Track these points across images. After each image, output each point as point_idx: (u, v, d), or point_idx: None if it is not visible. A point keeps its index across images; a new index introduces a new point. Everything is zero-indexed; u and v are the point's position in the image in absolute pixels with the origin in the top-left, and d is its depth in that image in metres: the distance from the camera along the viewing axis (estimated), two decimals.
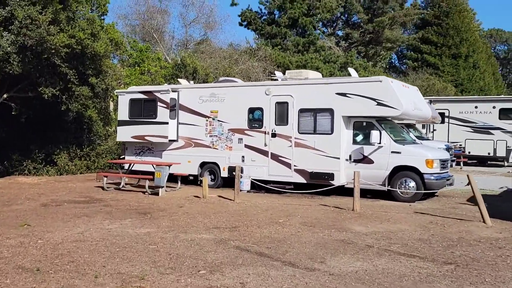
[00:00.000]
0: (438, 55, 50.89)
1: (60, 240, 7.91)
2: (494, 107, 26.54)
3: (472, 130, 26.63)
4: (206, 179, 12.77)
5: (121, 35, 24.07)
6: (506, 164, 25.57)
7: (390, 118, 13.89)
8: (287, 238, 8.09)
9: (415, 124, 20.05)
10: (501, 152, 25.68)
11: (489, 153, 25.92)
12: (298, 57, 36.27)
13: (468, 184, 9.78)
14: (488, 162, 26.79)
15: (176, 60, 27.12)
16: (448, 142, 23.89)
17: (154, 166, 14.11)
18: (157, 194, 13.33)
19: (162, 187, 13.21)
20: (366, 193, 13.59)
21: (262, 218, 9.99)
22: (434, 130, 26.53)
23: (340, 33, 51.86)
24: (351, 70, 14.56)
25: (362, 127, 13.83)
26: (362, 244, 7.72)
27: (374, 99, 12.99)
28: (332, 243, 7.80)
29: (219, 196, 13.27)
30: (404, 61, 57.19)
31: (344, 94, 13.44)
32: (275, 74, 15.73)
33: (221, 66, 28.64)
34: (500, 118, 25.91)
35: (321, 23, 46.82)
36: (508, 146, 25.63)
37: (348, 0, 44.91)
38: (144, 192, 13.77)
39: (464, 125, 26.70)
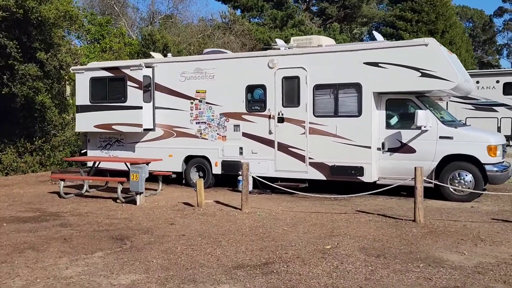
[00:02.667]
0: (414, 32, 48.68)
1: None
2: (497, 82, 24.12)
3: (474, 108, 24.22)
4: (201, 182, 9.47)
5: (75, 6, 20.18)
6: (511, 143, 23.29)
7: (428, 95, 10.91)
8: None
9: None
10: (506, 131, 23.32)
11: None
12: (276, 33, 33.00)
13: None
14: None
15: (143, 35, 23.39)
16: None
17: (129, 165, 10.70)
18: (133, 202, 9.97)
19: (140, 193, 9.85)
20: (399, 190, 10.70)
21: (297, 241, 6.83)
22: None
23: (314, 9, 48.99)
24: (376, 34, 11.46)
25: (398, 106, 10.82)
26: None
27: (417, 69, 9.95)
28: None
29: (217, 202, 10.03)
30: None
31: (375, 64, 10.33)
32: (276, 43, 12.47)
33: (195, 41, 25.10)
34: (504, 94, 23.54)
35: None
36: None
37: None
38: (115, 200, 10.37)
39: (465, 102, 24.18)
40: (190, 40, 25.66)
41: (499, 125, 23.45)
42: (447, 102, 23.72)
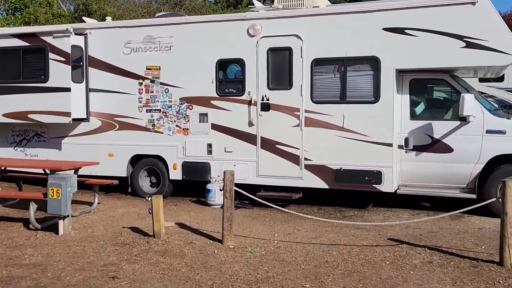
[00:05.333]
0: None
1: None
2: None
3: None
4: (160, 201, 6.25)
5: None
6: None
7: (452, 73, 8.23)
8: None
9: None
10: None
11: None
12: (230, 12, 29.86)
13: None
14: None
15: (77, 5, 19.54)
16: None
17: (48, 171, 7.35)
18: (54, 229, 6.64)
19: (64, 217, 6.52)
20: (415, 199, 8.11)
21: None
22: None
23: None
24: None
25: (426, 89, 8.12)
26: None
27: (460, 37, 7.22)
28: None
29: (182, 226, 6.89)
30: None
31: (400, 30, 7.51)
32: (253, 5, 9.39)
33: (139, 15, 21.51)
34: (480, 81, 21.69)
35: None
36: None
37: None
38: (27, 225, 6.99)
39: None
40: (133, 14, 22.01)
41: None
42: None
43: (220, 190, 6.26)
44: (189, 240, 6.18)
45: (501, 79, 22.00)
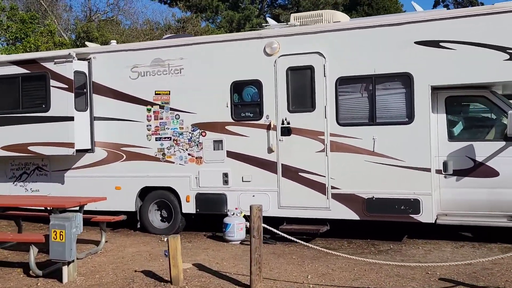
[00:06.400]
0: None
1: None
2: None
3: None
4: (178, 242, 5.48)
5: None
6: None
7: (492, 89, 7.53)
8: None
9: None
10: None
11: None
12: None
13: None
14: None
15: (78, 32, 19.08)
16: None
17: (50, 209, 6.59)
18: (58, 276, 5.86)
19: (68, 262, 5.75)
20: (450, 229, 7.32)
21: None
22: None
23: (267, 16, 46.02)
24: (415, 5, 8.00)
25: (464, 107, 7.42)
26: None
27: (503, 49, 6.54)
28: None
29: (201, 269, 6.10)
30: None
31: (435, 43, 6.84)
32: (267, 23, 8.78)
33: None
34: None
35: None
36: None
37: None
38: (27, 271, 6.21)
39: None
40: (136, 41, 21.55)
41: None
42: None
43: (246, 227, 5.49)
44: (211, 287, 5.38)
45: None
